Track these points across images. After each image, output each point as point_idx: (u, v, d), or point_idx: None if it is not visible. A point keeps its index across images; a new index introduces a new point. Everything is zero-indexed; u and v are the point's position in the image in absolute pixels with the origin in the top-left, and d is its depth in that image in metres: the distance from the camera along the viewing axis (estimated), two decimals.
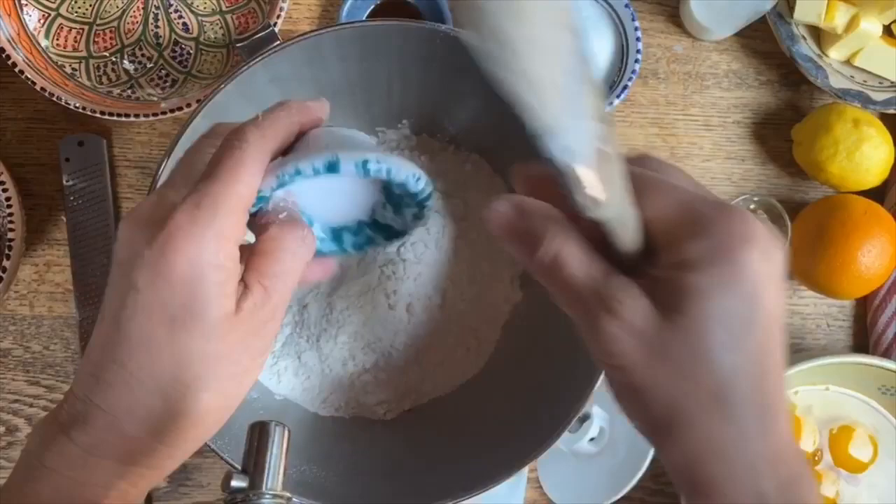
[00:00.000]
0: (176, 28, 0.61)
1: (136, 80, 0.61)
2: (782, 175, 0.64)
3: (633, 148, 0.63)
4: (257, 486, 0.30)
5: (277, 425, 0.31)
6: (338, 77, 0.50)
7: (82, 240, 0.60)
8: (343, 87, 0.51)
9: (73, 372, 0.60)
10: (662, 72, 0.64)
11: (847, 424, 0.61)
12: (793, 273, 0.62)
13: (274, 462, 0.30)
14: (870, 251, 0.58)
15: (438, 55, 0.48)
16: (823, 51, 0.62)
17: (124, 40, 0.61)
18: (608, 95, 0.60)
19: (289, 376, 0.52)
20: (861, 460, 0.60)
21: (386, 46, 0.48)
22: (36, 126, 0.61)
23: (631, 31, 0.60)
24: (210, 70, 0.61)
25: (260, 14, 0.61)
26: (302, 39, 0.45)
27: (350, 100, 0.52)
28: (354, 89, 0.51)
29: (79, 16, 0.60)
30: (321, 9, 0.63)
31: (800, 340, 0.64)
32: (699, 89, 0.64)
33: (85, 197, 0.60)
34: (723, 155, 0.64)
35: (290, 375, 0.52)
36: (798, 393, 0.60)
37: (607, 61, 0.61)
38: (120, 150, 0.62)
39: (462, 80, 0.49)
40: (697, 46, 0.64)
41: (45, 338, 0.61)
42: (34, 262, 0.61)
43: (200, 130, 0.44)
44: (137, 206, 0.31)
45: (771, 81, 0.64)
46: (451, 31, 0.46)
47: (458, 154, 0.55)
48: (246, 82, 0.45)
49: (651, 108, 0.64)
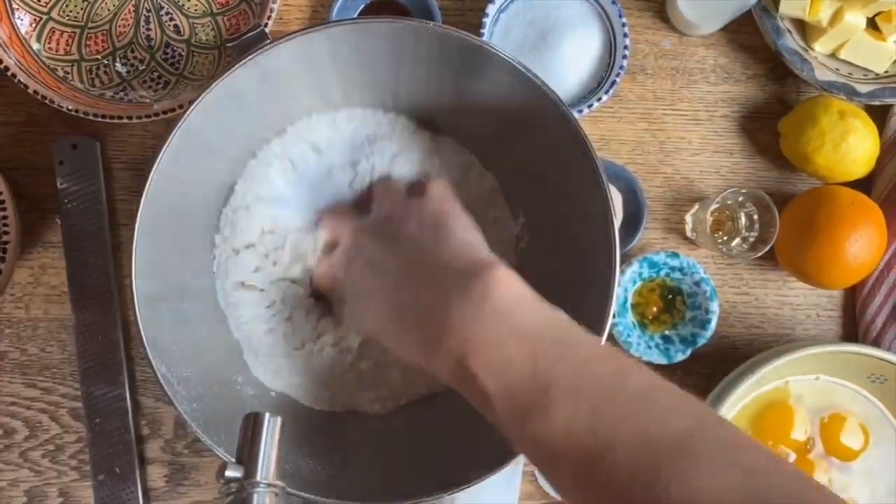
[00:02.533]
0: (167, 30, 0.61)
1: (129, 83, 0.61)
2: (770, 167, 0.65)
3: (623, 143, 0.64)
4: (251, 475, 0.30)
5: (271, 416, 0.31)
6: (328, 76, 0.50)
7: (77, 242, 0.60)
8: (333, 84, 0.51)
9: (70, 374, 0.61)
10: (650, 67, 0.65)
11: (838, 413, 0.61)
12: (782, 264, 0.63)
13: (267, 452, 0.31)
14: (857, 241, 0.58)
15: (427, 52, 0.48)
16: (809, 44, 0.62)
17: (116, 43, 0.61)
18: (597, 92, 0.60)
19: (284, 372, 0.52)
20: (852, 448, 0.61)
21: (376, 44, 0.48)
22: (29, 130, 0.61)
23: (618, 28, 0.60)
24: (202, 71, 0.61)
25: (251, 15, 0.62)
26: (292, 38, 0.45)
27: (343, 99, 0.53)
28: (345, 86, 0.52)
29: (70, 19, 0.61)
30: (311, 9, 0.63)
31: (790, 331, 0.65)
32: (687, 84, 0.65)
33: (79, 199, 0.61)
34: (711, 149, 0.65)
35: (285, 371, 0.52)
36: (789, 382, 0.61)
37: (595, 58, 0.61)
38: (113, 152, 0.62)
39: (451, 76, 0.50)
40: (685, 42, 0.65)
41: (42, 340, 0.61)
42: (29, 264, 0.61)
43: (193, 131, 0.45)
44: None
45: (758, 75, 0.65)
46: (439, 27, 0.46)
47: (455, 146, 0.55)
48: (237, 83, 0.46)
49: (639, 104, 0.64)
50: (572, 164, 0.48)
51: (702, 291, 0.61)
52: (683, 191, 0.65)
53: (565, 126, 0.47)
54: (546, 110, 0.47)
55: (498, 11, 0.61)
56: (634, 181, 0.62)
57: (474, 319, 0.38)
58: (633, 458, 0.32)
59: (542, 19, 0.61)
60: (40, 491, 0.61)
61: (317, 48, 0.47)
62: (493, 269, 0.40)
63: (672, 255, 0.61)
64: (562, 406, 0.35)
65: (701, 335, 0.61)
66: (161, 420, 0.61)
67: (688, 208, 0.64)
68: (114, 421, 0.60)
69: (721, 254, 0.62)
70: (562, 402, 0.35)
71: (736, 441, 0.34)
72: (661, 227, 0.64)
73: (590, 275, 0.48)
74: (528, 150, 0.52)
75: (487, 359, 0.37)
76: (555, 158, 0.49)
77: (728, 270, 0.65)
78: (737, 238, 0.63)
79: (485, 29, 0.60)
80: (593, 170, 0.46)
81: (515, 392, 0.36)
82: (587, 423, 0.34)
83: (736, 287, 0.64)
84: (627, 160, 0.64)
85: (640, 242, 0.64)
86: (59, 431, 0.61)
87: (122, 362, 0.60)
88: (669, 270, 0.61)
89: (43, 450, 0.61)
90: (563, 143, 0.48)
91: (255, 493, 0.29)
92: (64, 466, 0.61)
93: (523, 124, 0.50)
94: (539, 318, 0.39)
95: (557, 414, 0.35)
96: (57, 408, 0.61)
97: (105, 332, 0.60)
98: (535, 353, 0.37)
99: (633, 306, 0.62)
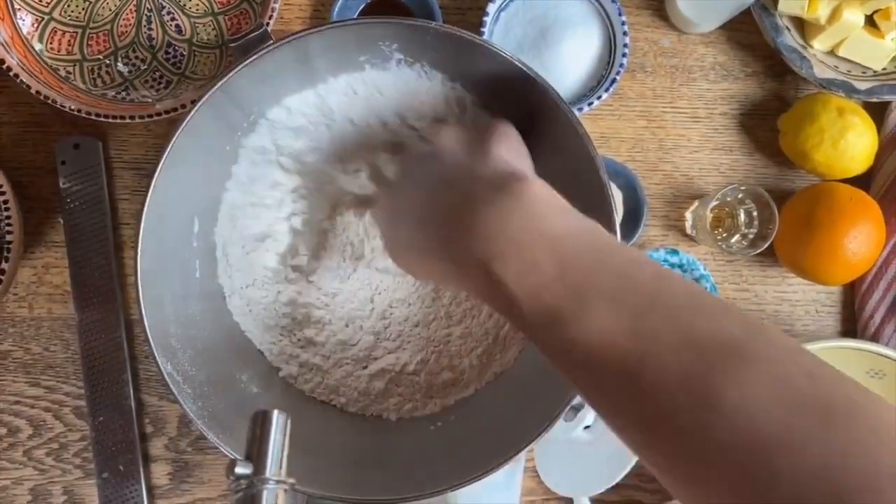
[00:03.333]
0: (169, 30, 0.62)
1: (131, 82, 0.61)
2: (769, 164, 0.65)
3: (623, 141, 0.64)
4: (261, 472, 0.30)
5: (279, 413, 0.31)
6: (330, 75, 0.51)
7: (80, 241, 0.61)
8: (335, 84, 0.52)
9: (73, 373, 0.61)
10: (650, 65, 0.65)
11: None
12: (781, 260, 0.63)
13: (277, 448, 0.31)
14: (856, 237, 0.59)
15: (429, 52, 0.48)
16: (807, 41, 0.63)
17: (118, 43, 0.61)
18: (596, 90, 0.61)
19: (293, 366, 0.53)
20: None
21: (377, 44, 0.48)
22: (31, 130, 0.62)
23: (618, 26, 0.61)
24: (204, 71, 0.62)
25: (252, 15, 0.62)
26: (294, 38, 0.45)
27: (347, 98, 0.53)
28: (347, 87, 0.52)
29: (72, 19, 0.61)
30: (312, 9, 0.63)
31: (789, 327, 0.65)
32: (686, 82, 0.65)
33: (81, 199, 0.61)
34: (711, 146, 0.65)
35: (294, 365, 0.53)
36: None
37: (595, 56, 0.62)
38: (115, 151, 0.62)
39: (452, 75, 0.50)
40: (684, 40, 0.65)
41: (45, 339, 0.61)
42: (32, 264, 0.62)
43: (195, 131, 0.45)
44: None
45: (756, 73, 0.65)
46: (440, 27, 0.47)
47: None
48: (239, 83, 0.46)
49: (639, 102, 0.65)
50: (573, 161, 0.48)
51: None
52: (683, 188, 0.65)
53: (566, 124, 0.47)
54: (546, 108, 0.47)
55: (498, 10, 0.61)
56: (634, 178, 0.62)
57: (503, 221, 0.36)
58: (680, 362, 0.29)
59: (542, 18, 0.61)
60: (44, 489, 0.61)
61: (317, 48, 0.48)
62: (529, 179, 0.38)
63: (672, 251, 0.61)
64: (599, 311, 0.32)
65: None
66: (165, 418, 0.62)
67: (687, 205, 0.64)
68: (117, 419, 0.60)
69: (720, 250, 0.63)
70: (599, 306, 0.32)
71: (790, 345, 0.30)
72: (661, 224, 0.65)
73: None
74: (527, 147, 0.52)
75: (517, 261, 0.35)
76: (555, 156, 0.49)
77: (727, 267, 0.65)
78: (736, 235, 0.64)
79: (485, 28, 0.60)
80: (594, 167, 0.47)
81: (546, 296, 0.33)
82: (629, 325, 0.31)
83: (735, 283, 0.65)
84: (627, 158, 0.64)
85: (640, 239, 0.64)
86: (63, 430, 0.61)
87: (126, 361, 0.60)
88: (670, 267, 0.62)
89: (47, 448, 0.61)
90: (563, 140, 0.48)
91: (264, 490, 0.29)
92: (68, 465, 0.61)
93: (523, 123, 0.50)
94: (573, 225, 0.36)
95: (595, 320, 0.32)
96: (61, 406, 0.61)
97: (108, 330, 0.60)
98: (567, 257, 0.34)
99: None
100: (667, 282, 0.33)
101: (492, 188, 0.38)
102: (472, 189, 0.39)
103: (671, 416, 0.29)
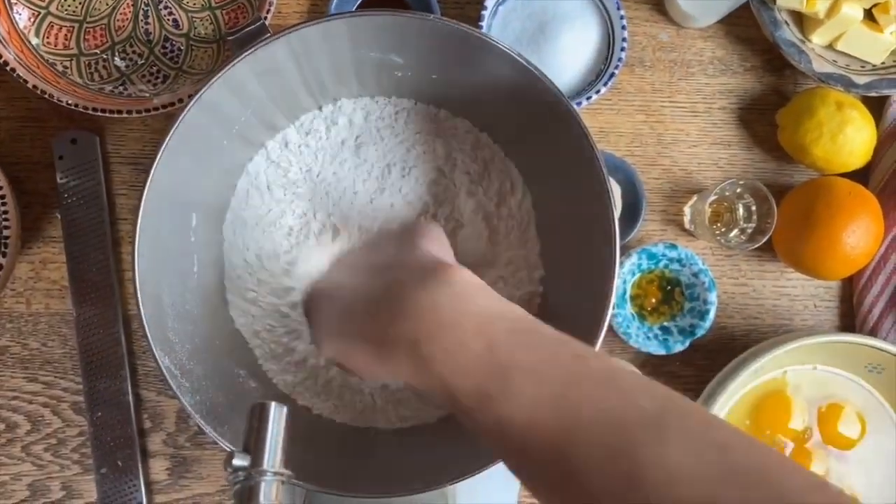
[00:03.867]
0: (166, 24, 0.61)
1: (128, 77, 0.61)
2: (768, 159, 0.65)
3: (621, 136, 0.64)
4: (259, 463, 0.30)
5: (277, 405, 0.31)
6: (327, 68, 0.50)
7: (77, 236, 0.61)
8: (333, 78, 0.52)
9: (71, 368, 0.61)
10: (648, 60, 0.65)
11: (835, 403, 0.62)
12: (780, 255, 0.63)
13: (274, 440, 0.31)
14: (854, 232, 0.59)
15: (427, 45, 0.48)
16: (806, 36, 0.63)
17: (115, 37, 0.61)
18: (595, 84, 0.61)
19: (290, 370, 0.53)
20: (850, 437, 0.61)
21: (376, 37, 0.48)
22: (28, 125, 0.61)
23: (617, 20, 0.61)
24: (201, 66, 0.61)
25: (249, 9, 0.62)
26: (292, 31, 0.45)
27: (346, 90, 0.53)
28: (345, 80, 0.52)
29: (69, 14, 0.61)
30: (309, 2, 0.63)
31: (788, 321, 0.65)
32: (685, 76, 0.65)
33: (79, 194, 0.61)
34: (709, 140, 0.65)
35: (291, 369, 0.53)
36: (787, 373, 0.61)
37: (594, 50, 0.62)
38: (113, 146, 0.62)
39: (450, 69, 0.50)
40: (682, 34, 0.65)
41: (43, 334, 0.61)
42: (30, 259, 0.61)
43: (192, 125, 0.45)
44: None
45: (755, 67, 0.65)
46: (439, 20, 0.46)
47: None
48: (237, 76, 0.46)
49: (638, 96, 0.65)
50: (572, 156, 0.48)
51: (700, 283, 0.61)
52: (682, 182, 0.65)
53: (565, 118, 0.47)
54: (545, 103, 0.47)
55: (496, 4, 0.61)
56: (633, 173, 0.62)
57: (433, 303, 0.37)
58: (603, 439, 0.30)
59: (540, 12, 0.61)
60: (43, 485, 0.61)
61: (315, 41, 0.47)
62: (457, 266, 0.41)
63: (670, 246, 0.61)
64: (523, 388, 0.33)
65: (699, 326, 0.61)
66: (163, 413, 0.62)
67: (686, 200, 0.64)
68: (115, 414, 0.60)
69: (719, 245, 0.63)
70: (523, 384, 0.33)
71: (705, 419, 0.32)
72: (660, 219, 0.65)
73: (589, 266, 0.48)
74: (527, 142, 0.52)
75: (446, 341, 0.36)
76: (554, 150, 0.49)
77: (726, 261, 0.65)
78: (735, 229, 0.64)
79: (483, 21, 0.60)
80: (593, 162, 0.47)
81: (475, 374, 0.35)
82: (551, 404, 0.32)
83: (734, 278, 0.65)
84: (626, 152, 0.64)
85: (639, 234, 0.64)
86: (62, 425, 0.61)
87: (124, 356, 0.60)
88: (668, 262, 0.62)
89: (45, 444, 0.61)
90: (562, 135, 0.48)
91: (262, 482, 0.29)
92: (66, 460, 0.61)
93: (522, 117, 0.50)
94: (496, 306, 0.38)
95: (520, 397, 0.33)
96: (59, 402, 0.61)
97: (106, 326, 0.60)
98: (492, 336, 0.35)
99: (632, 298, 0.62)
100: (585, 361, 0.35)
101: (422, 274, 0.40)
102: (402, 275, 0.42)
103: (606, 494, 0.30)
